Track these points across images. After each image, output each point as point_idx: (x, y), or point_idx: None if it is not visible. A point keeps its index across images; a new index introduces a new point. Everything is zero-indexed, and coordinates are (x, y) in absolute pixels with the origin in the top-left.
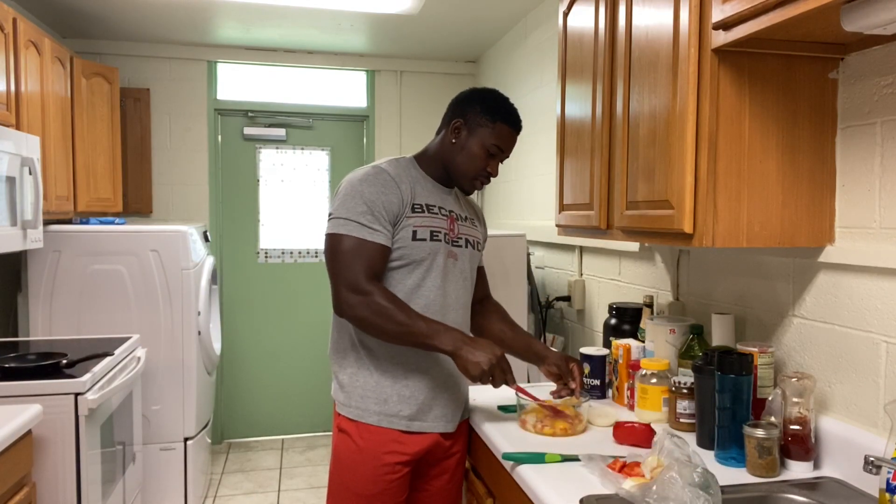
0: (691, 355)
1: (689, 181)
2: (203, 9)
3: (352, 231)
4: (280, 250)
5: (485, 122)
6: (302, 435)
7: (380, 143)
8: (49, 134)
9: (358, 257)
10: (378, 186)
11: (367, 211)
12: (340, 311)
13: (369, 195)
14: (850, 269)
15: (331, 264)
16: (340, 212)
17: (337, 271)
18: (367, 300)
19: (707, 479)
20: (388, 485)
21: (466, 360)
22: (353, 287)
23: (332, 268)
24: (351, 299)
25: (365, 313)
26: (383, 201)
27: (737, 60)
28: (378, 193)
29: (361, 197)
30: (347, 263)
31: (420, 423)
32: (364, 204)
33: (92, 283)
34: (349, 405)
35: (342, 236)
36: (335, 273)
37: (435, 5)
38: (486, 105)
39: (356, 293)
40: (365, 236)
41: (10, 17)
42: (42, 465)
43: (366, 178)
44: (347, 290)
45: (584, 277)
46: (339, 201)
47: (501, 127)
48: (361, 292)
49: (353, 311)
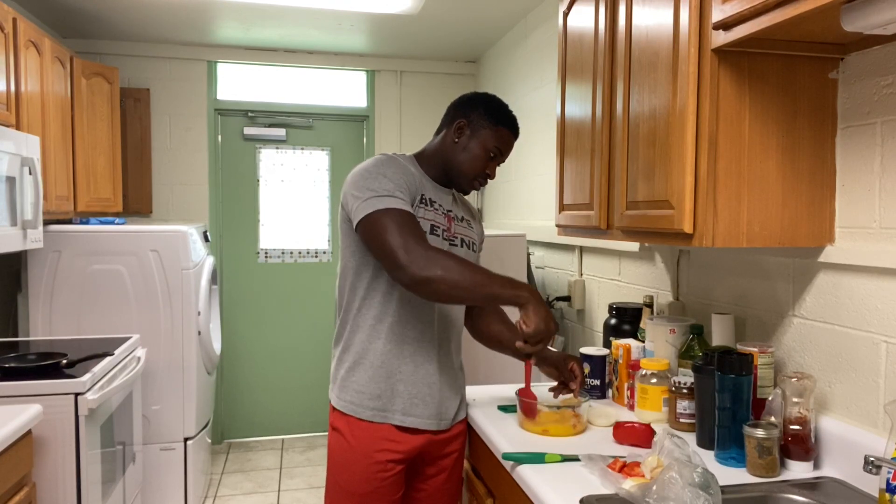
0: (691, 355)
1: (689, 181)
2: (203, 9)
3: (391, 204)
4: (280, 250)
5: (488, 125)
6: (302, 435)
7: (380, 143)
8: (49, 134)
9: (408, 225)
10: (395, 168)
11: (396, 187)
12: (413, 277)
13: (392, 174)
14: (850, 269)
15: (383, 238)
16: (371, 192)
17: (394, 242)
18: (436, 258)
19: (707, 479)
20: (381, 483)
21: (541, 311)
22: (416, 251)
23: (388, 241)
24: (421, 262)
25: (440, 271)
26: (405, 180)
27: (737, 60)
28: (398, 174)
29: (385, 175)
30: (402, 232)
31: (414, 418)
32: (390, 181)
33: (92, 283)
34: (343, 399)
35: (386, 210)
36: (391, 244)
37: (435, 5)
38: (489, 108)
39: (426, 256)
40: (404, 207)
41: (10, 17)
42: (42, 465)
43: (381, 161)
44: (413, 254)
45: (584, 277)
46: (364, 183)
47: (503, 131)
48: (430, 253)
49: (428, 271)
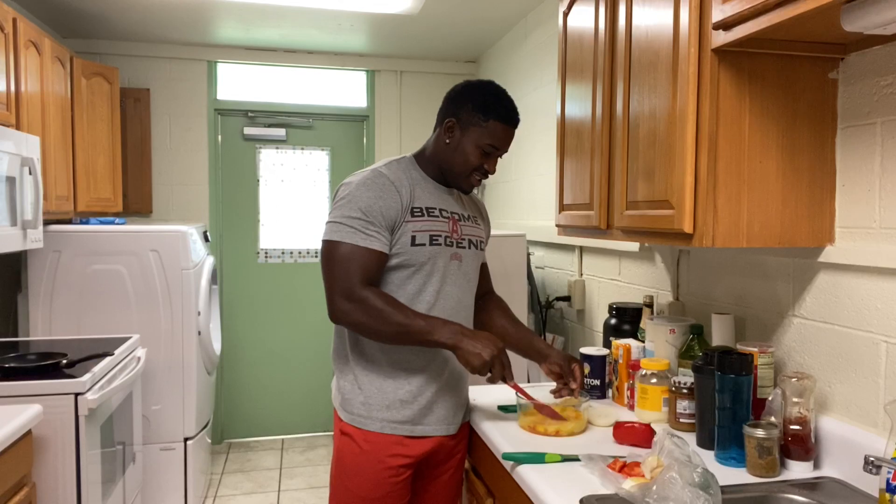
0: (691, 355)
1: (689, 181)
2: (203, 9)
3: (345, 237)
4: (280, 250)
5: (477, 121)
6: (302, 435)
7: (380, 143)
8: (49, 134)
9: (352, 263)
10: (375, 191)
11: (363, 216)
12: (336, 318)
13: (366, 200)
14: (850, 269)
15: (326, 270)
16: (336, 217)
17: (331, 278)
18: (361, 306)
19: (707, 479)
20: (392, 487)
21: (468, 351)
22: (347, 293)
23: (327, 274)
24: (345, 306)
25: (361, 318)
26: (380, 206)
27: (737, 60)
28: (375, 199)
29: (358, 202)
30: (342, 270)
31: (423, 427)
32: (359, 210)
33: (92, 283)
34: (351, 412)
35: (337, 243)
36: (330, 280)
37: (435, 5)
38: (478, 102)
39: (350, 300)
40: (359, 242)
41: (10, 17)
42: (42, 465)
43: (363, 182)
44: (342, 296)
45: (584, 277)
46: (336, 207)
47: (495, 125)
48: (356, 298)
49: (348, 318)
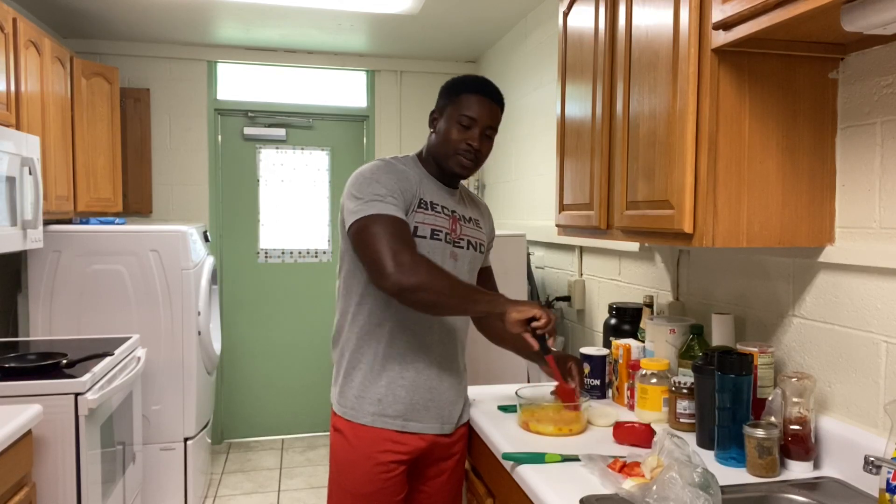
0: (691, 355)
1: (689, 181)
2: (203, 9)
3: (382, 210)
4: (280, 250)
5: (449, 101)
6: (302, 435)
7: (380, 143)
8: (49, 134)
9: (396, 231)
10: (392, 174)
11: (388, 193)
12: (397, 283)
13: (386, 181)
14: (850, 269)
15: (371, 243)
16: (363, 195)
17: (380, 248)
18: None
19: (707, 479)
20: (384, 483)
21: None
22: (401, 257)
23: (373, 246)
24: (407, 269)
25: (424, 278)
26: (400, 187)
27: (737, 60)
28: (395, 181)
29: (379, 182)
30: (389, 238)
31: (416, 423)
32: (384, 187)
33: (92, 283)
34: (344, 405)
35: (375, 216)
36: (378, 250)
37: (435, 5)
38: (448, 86)
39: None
40: (395, 213)
41: (10, 17)
42: (42, 465)
43: (379, 167)
44: (398, 260)
45: (584, 277)
46: (358, 189)
47: (466, 97)
48: (411, 261)
49: (414, 279)
